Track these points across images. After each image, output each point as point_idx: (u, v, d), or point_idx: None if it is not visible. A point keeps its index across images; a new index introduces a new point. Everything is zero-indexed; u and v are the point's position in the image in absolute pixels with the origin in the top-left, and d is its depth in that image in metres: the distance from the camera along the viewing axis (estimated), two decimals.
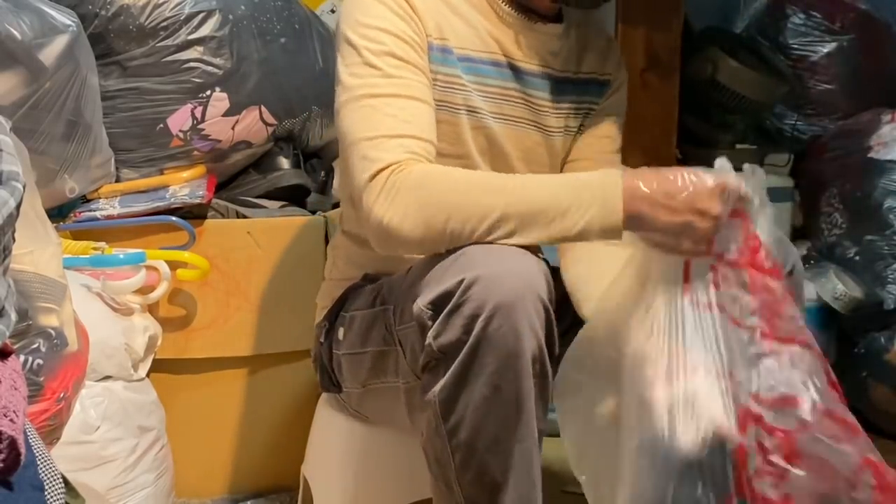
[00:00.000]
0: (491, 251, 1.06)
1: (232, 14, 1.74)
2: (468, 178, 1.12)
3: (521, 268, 1.04)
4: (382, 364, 1.22)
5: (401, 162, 1.11)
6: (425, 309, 1.05)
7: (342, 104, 1.19)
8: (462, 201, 1.08)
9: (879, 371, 2.14)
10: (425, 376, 1.08)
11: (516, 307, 1.00)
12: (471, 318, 1.01)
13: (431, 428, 1.08)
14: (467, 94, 1.27)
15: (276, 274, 1.75)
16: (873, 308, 2.14)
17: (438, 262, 1.08)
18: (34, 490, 0.75)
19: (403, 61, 1.19)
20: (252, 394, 1.78)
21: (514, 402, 1.03)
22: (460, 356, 1.02)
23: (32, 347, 1.16)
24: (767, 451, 1.06)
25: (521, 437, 1.04)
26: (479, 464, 1.05)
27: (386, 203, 1.09)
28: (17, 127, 1.41)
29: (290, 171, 1.88)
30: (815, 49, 2.35)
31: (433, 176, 1.11)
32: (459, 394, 1.04)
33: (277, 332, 1.76)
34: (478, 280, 1.01)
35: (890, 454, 1.93)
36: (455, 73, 1.25)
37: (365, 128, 1.15)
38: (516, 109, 1.32)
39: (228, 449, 1.78)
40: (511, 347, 1.01)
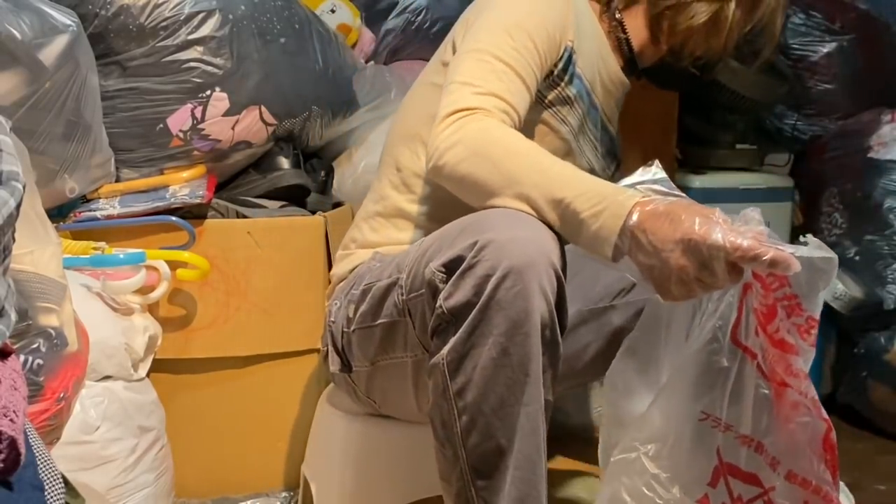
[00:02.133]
0: (506, 216, 1.09)
1: (232, 14, 1.74)
2: (522, 148, 1.17)
3: (534, 234, 1.05)
4: (392, 337, 1.23)
5: (485, 110, 1.20)
6: (437, 272, 1.07)
7: (468, 50, 1.28)
8: (505, 162, 1.14)
9: (879, 371, 2.14)
10: (434, 340, 1.09)
11: (528, 270, 1.01)
12: (482, 279, 1.02)
13: (438, 391, 1.09)
14: (569, 108, 1.38)
15: (276, 274, 1.75)
16: (873, 308, 2.14)
17: (452, 228, 1.11)
18: (34, 490, 0.75)
19: (534, 46, 1.28)
20: (252, 394, 1.78)
21: (522, 365, 1.03)
22: (470, 317, 1.03)
23: (32, 347, 1.16)
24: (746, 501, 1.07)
25: (527, 401, 1.05)
26: (485, 426, 1.06)
27: (452, 134, 1.18)
28: (17, 127, 1.41)
29: (290, 171, 1.87)
30: (815, 49, 2.35)
31: (498, 132, 1.18)
32: (467, 355, 1.05)
33: (277, 332, 1.76)
34: (491, 243, 1.03)
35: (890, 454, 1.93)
36: (569, 82, 1.37)
37: (476, 76, 1.24)
38: (586, 146, 1.44)
39: (228, 449, 1.78)
40: (521, 309, 1.02)
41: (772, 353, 1.04)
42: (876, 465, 2.01)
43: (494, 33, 1.28)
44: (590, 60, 1.41)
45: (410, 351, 1.21)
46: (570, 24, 1.34)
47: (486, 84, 1.23)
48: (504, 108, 1.22)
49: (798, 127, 2.40)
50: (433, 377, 1.09)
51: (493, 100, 1.22)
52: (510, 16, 1.29)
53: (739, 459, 1.08)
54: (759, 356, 1.05)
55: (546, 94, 1.36)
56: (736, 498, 1.09)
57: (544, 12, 1.31)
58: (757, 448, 1.07)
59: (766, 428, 1.06)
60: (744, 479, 1.08)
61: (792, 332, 1.03)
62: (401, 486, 1.38)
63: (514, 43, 1.27)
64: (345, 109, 2.00)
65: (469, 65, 1.26)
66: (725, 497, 1.09)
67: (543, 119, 1.38)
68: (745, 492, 1.08)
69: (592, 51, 1.41)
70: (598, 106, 1.45)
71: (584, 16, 1.40)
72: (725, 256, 0.99)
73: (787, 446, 1.05)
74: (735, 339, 1.06)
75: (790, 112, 2.40)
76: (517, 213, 1.10)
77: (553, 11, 1.32)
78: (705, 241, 1.00)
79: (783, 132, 2.42)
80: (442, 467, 1.13)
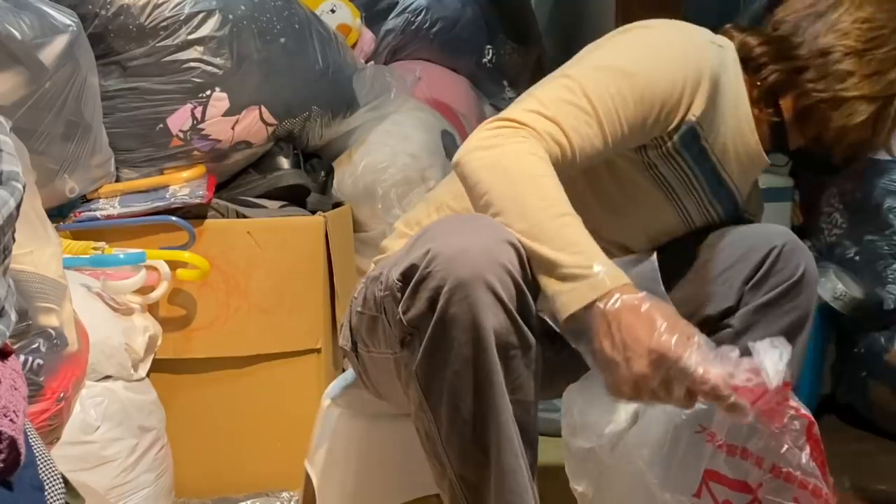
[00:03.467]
0: (459, 221, 1.07)
1: (232, 14, 1.74)
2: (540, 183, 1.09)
3: (485, 240, 1.03)
4: (375, 330, 1.22)
5: (536, 131, 1.12)
6: (396, 281, 1.07)
7: (562, 74, 1.19)
8: (519, 189, 1.08)
9: (879, 371, 2.14)
10: (404, 352, 1.09)
11: (476, 282, 1.00)
12: (434, 291, 1.01)
13: (417, 403, 1.09)
14: (678, 174, 1.29)
15: (276, 274, 1.75)
16: (873, 308, 2.14)
17: (419, 233, 1.10)
18: (34, 490, 0.75)
19: (632, 101, 1.17)
20: (252, 394, 1.77)
21: (484, 376, 1.03)
22: (428, 332, 1.03)
23: (32, 347, 1.16)
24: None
25: (496, 411, 1.04)
26: (461, 438, 1.06)
27: (491, 138, 1.12)
28: (17, 127, 1.40)
29: (290, 171, 1.87)
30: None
31: (532, 160, 1.10)
32: (434, 369, 1.05)
33: (277, 332, 1.76)
34: (441, 254, 1.02)
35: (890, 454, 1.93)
36: (682, 153, 1.26)
37: (551, 99, 1.15)
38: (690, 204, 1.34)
39: (228, 449, 1.78)
40: (471, 324, 1.01)
41: None
42: (876, 465, 2.01)
43: (597, 70, 1.18)
44: (724, 135, 1.29)
45: (389, 348, 1.19)
46: (701, 98, 1.22)
47: (555, 111, 1.14)
48: (559, 139, 1.13)
49: None
50: (411, 389, 1.09)
51: (552, 127, 1.13)
52: (625, 61, 1.19)
53: (726, 468, 1.08)
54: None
55: (655, 162, 1.27)
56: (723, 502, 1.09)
57: (663, 79, 1.19)
58: (742, 454, 1.07)
59: (748, 432, 1.06)
60: (731, 486, 1.08)
61: None
62: (403, 483, 1.38)
63: (611, 87, 1.16)
64: (345, 109, 2.00)
65: (553, 87, 1.17)
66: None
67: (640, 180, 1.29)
68: (734, 499, 1.08)
69: (731, 125, 1.30)
70: (723, 179, 1.34)
71: (727, 91, 1.27)
72: (689, 384, 0.99)
73: (768, 443, 1.05)
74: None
75: None
76: (473, 219, 1.08)
77: (675, 83, 1.20)
78: (676, 363, 0.99)
79: None
80: (434, 476, 1.14)
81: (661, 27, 1.26)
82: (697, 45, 1.24)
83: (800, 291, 1.30)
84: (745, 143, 1.33)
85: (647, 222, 1.34)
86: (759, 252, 1.31)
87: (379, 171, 2.03)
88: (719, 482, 1.08)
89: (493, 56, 2.58)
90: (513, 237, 1.05)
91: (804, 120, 1.33)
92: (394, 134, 2.09)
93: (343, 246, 1.91)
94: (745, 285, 1.32)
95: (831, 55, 1.28)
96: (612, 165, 1.28)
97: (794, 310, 1.30)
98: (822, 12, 1.31)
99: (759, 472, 1.06)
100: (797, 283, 1.30)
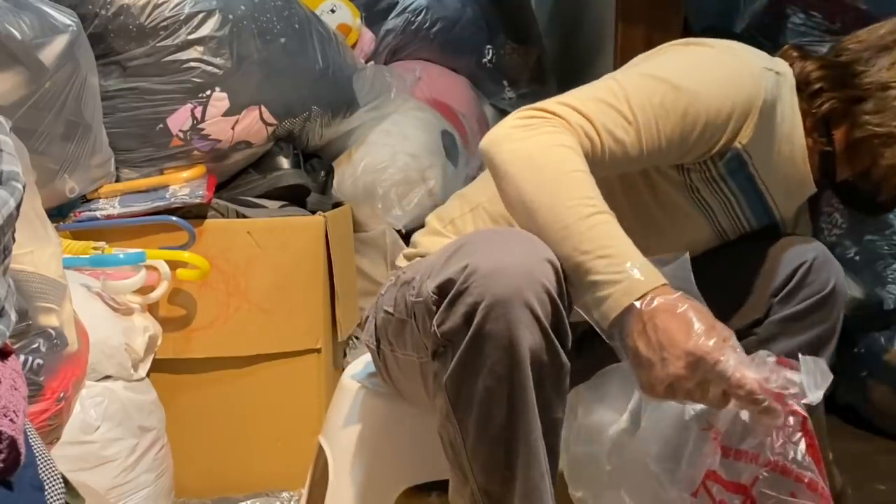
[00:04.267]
0: (500, 238, 1.06)
1: (232, 14, 1.74)
2: (573, 178, 1.08)
3: (525, 258, 1.03)
4: (402, 334, 1.22)
5: (568, 123, 1.10)
6: (432, 294, 1.06)
7: (610, 77, 1.17)
8: (551, 186, 1.07)
9: (879, 371, 2.14)
10: (436, 363, 1.09)
11: (514, 300, 1.00)
12: (472, 307, 1.01)
13: (444, 413, 1.09)
14: (721, 199, 1.27)
15: (276, 274, 1.75)
16: (873, 308, 2.14)
17: (453, 244, 1.09)
18: (34, 490, 0.75)
19: (667, 116, 1.14)
20: (252, 394, 1.77)
21: (517, 394, 1.03)
22: (462, 346, 1.03)
23: (32, 347, 1.16)
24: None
25: (526, 430, 1.04)
26: (488, 452, 1.06)
27: (521, 128, 1.10)
28: (17, 127, 1.40)
29: (290, 171, 1.87)
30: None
31: (564, 152, 1.08)
32: (465, 382, 1.05)
33: (277, 332, 1.76)
34: (479, 269, 1.01)
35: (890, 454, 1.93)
36: (727, 180, 1.25)
37: (590, 98, 1.13)
38: (725, 220, 1.32)
39: (228, 449, 1.78)
40: (510, 340, 1.00)
41: None
42: (876, 465, 2.01)
43: (646, 78, 1.16)
44: (773, 161, 1.27)
45: (416, 352, 1.20)
46: (750, 127, 1.19)
47: (591, 109, 1.12)
48: (591, 134, 1.11)
49: None
50: (439, 399, 1.09)
51: (585, 122, 1.11)
52: (674, 76, 1.16)
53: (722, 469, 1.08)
54: None
55: (697, 185, 1.25)
56: (719, 503, 1.09)
57: (713, 100, 1.16)
58: (735, 455, 1.07)
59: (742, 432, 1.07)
60: (726, 487, 1.08)
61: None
62: (420, 465, 1.36)
63: (655, 100, 1.13)
64: (345, 109, 2.00)
65: (596, 88, 1.15)
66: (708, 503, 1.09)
67: (681, 201, 1.27)
68: (728, 499, 1.08)
69: (783, 152, 1.27)
70: (767, 203, 1.32)
71: (782, 119, 1.25)
72: (726, 386, 1.00)
73: (763, 439, 1.05)
74: None
75: None
76: (513, 234, 1.07)
77: (725, 106, 1.17)
78: (714, 367, 0.99)
79: None
80: (454, 484, 1.13)
81: (719, 47, 1.24)
82: (753, 71, 1.21)
83: (828, 305, 1.29)
84: (796, 171, 1.31)
85: (680, 238, 1.32)
86: (791, 265, 1.30)
87: (379, 171, 2.03)
88: (717, 482, 1.08)
89: (493, 56, 2.58)
90: (551, 254, 1.04)
91: (855, 153, 1.30)
92: (394, 134, 2.09)
93: (343, 246, 1.91)
94: (773, 297, 1.31)
95: (892, 90, 1.25)
96: (653, 184, 1.26)
97: (821, 323, 1.30)
98: (890, 46, 1.29)
99: (754, 467, 1.06)
100: (827, 298, 1.29)
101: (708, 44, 1.24)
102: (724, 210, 1.31)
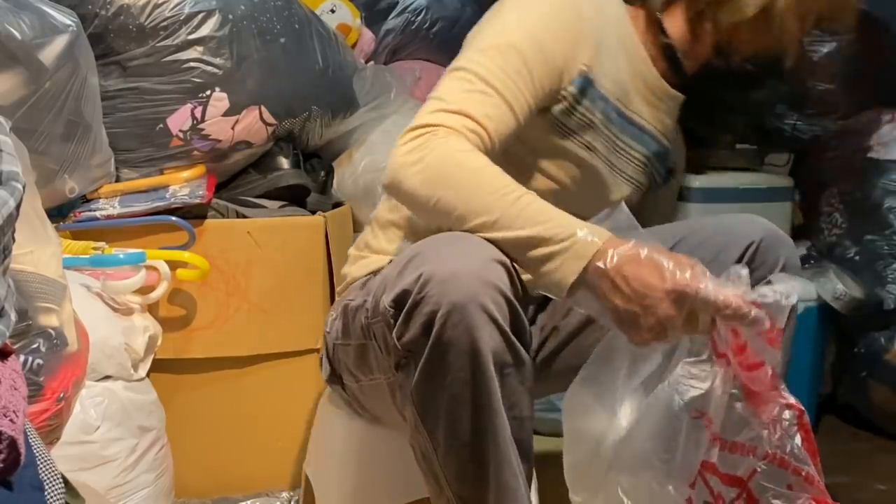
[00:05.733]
0: (450, 244, 1.07)
1: (232, 14, 1.74)
2: (485, 174, 1.12)
3: (478, 263, 1.03)
4: (365, 358, 1.22)
5: (449, 128, 1.14)
6: (388, 307, 1.06)
7: (453, 68, 1.21)
8: (467, 190, 1.10)
9: (879, 371, 2.14)
10: (399, 374, 1.09)
11: (471, 305, 1.00)
12: (429, 315, 1.01)
13: (413, 425, 1.09)
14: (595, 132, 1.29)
15: (276, 274, 1.75)
16: (873, 308, 2.14)
17: (404, 256, 1.09)
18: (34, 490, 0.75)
19: (527, 71, 1.19)
20: (252, 394, 1.78)
21: (482, 398, 1.03)
22: (424, 355, 1.03)
23: (32, 347, 1.16)
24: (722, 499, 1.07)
25: (494, 431, 1.05)
26: (459, 459, 1.06)
27: (412, 151, 1.13)
28: (17, 127, 1.40)
29: (290, 171, 1.87)
30: (815, 49, 2.35)
31: (462, 155, 1.12)
32: (431, 392, 1.05)
33: (277, 332, 1.76)
34: (433, 278, 1.01)
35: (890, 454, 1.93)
36: (590, 108, 1.27)
37: (450, 93, 1.18)
38: (626, 165, 1.35)
39: (228, 449, 1.78)
40: (470, 345, 1.01)
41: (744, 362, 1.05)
42: (876, 465, 2.01)
43: (484, 52, 1.20)
44: (619, 77, 1.30)
45: (383, 373, 1.20)
46: (585, 46, 1.24)
47: (459, 103, 1.16)
48: (474, 128, 1.15)
49: (798, 127, 2.40)
50: (407, 411, 1.10)
51: (463, 119, 1.15)
52: (505, 35, 1.20)
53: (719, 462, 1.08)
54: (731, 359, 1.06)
55: (564, 121, 1.28)
56: (717, 496, 1.09)
57: (546, 37, 1.21)
58: (731, 448, 1.07)
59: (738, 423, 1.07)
60: (723, 479, 1.08)
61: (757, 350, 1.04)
62: (403, 485, 1.38)
63: (503, 63, 1.18)
64: (345, 109, 2.00)
65: (448, 83, 1.19)
66: (707, 496, 1.09)
67: (567, 148, 1.30)
68: (724, 491, 1.08)
69: (623, 67, 1.30)
70: (636, 122, 1.35)
71: (609, 31, 1.28)
72: (712, 311, 1.01)
73: (759, 432, 1.06)
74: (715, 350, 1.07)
75: (790, 112, 2.40)
76: (462, 239, 1.07)
77: (558, 36, 1.22)
78: (697, 295, 1.01)
79: (783, 132, 2.42)
80: (431, 494, 1.14)
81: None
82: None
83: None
84: (644, 78, 1.33)
85: (594, 196, 1.34)
86: (736, 248, 1.29)
87: (379, 171, 2.03)
88: (715, 474, 1.08)
89: None
90: (500, 254, 1.05)
91: (695, 32, 1.32)
92: (394, 134, 2.07)
93: (343, 246, 1.90)
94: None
95: None
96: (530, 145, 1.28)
97: None
98: None
99: (752, 460, 1.06)
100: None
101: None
102: (607, 145, 1.32)
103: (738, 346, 1.04)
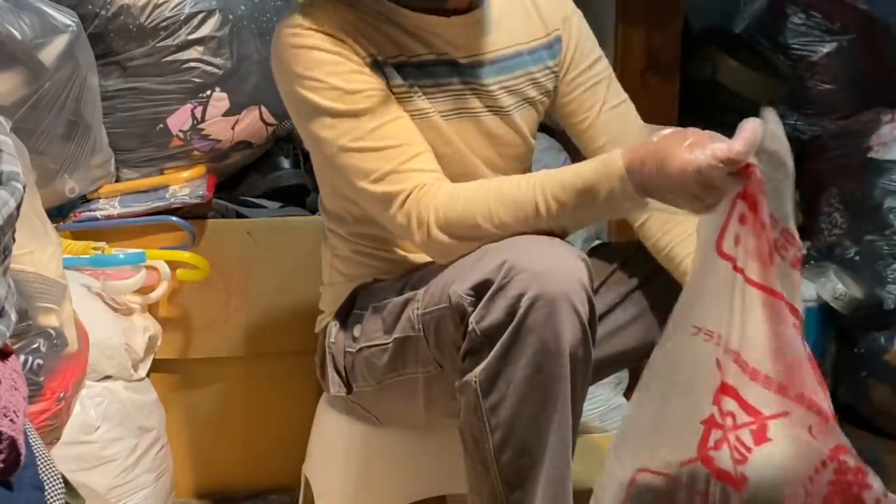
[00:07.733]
0: (532, 241, 1.10)
1: (232, 14, 1.74)
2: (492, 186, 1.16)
3: (564, 258, 1.07)
4: (403, 354, 1.22)
5: (424, 184, 1.17)
6: (465, 295, 1.08)
7: (332, 157, 1.22)
8: (488, 223, 1.14)
9: (879, 371, 2.14)
10: (466, 361, 1.10)
11: (560, 296, 1.03)
12: (514, 299, 1.04)
13: (470, 409, 1.10)
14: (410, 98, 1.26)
15: (276, 274, 1.75)
16: (873, 308, 2.14)
17: (468, 257, 1.12)
18: (34, 490, 0.75)
19: (359, 92, 1.20)
20: (252, 394, 1.78)
21: (553, 384, 1.06)
22: (503, 337, 1.05)
23: (32, 347, 1.16)
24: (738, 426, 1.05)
25: (558, 419, 1.07)
26: (517, 443, 1.08)
27: (413, 229, 1.17)
28: (17, 127, 1.40)
29: (290, 171, 1.88)
30: (815, 49, 2.36)
31: (453, 202, 1.16)
32: (501, 373, 1.07)
33: (277, 332, 1.76)
34: (517, 265, 1.04)
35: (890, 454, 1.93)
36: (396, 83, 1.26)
37: (370, 171, 1.19)
38: (465, 101, 1.31)
39: (228, 449, 1.78)
40: (553, 332, 1.04)
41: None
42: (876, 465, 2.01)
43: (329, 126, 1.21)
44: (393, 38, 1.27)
45: (423, 367, 1.21)
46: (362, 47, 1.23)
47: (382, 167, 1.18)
48: (417, 164, 1.19)
49: (798, 127, 2.40)
50: (465, 395, 1.11)
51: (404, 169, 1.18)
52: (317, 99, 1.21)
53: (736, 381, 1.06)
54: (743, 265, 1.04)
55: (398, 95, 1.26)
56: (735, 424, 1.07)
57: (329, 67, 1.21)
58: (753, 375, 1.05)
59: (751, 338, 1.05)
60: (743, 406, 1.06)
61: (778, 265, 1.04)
62: (401, 487, 1.38)
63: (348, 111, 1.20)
64: None
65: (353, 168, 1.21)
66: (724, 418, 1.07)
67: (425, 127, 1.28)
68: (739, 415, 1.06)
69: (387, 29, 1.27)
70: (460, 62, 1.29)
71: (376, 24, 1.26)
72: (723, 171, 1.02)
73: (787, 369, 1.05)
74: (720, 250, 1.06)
75: (790, 112, 2.40)
76: (542, 239, 1.10)
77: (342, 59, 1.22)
78: (699, 170, 1.02)
79: None
80: (472, 482, 1.15)
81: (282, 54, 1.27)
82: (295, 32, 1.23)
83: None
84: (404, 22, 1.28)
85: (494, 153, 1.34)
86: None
87: None
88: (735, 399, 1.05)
89: None
90: (583, 254, 1.09)
91: None
92: None
93: None
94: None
95: None
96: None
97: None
98: None
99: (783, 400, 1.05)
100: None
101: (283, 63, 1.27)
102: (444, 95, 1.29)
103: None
